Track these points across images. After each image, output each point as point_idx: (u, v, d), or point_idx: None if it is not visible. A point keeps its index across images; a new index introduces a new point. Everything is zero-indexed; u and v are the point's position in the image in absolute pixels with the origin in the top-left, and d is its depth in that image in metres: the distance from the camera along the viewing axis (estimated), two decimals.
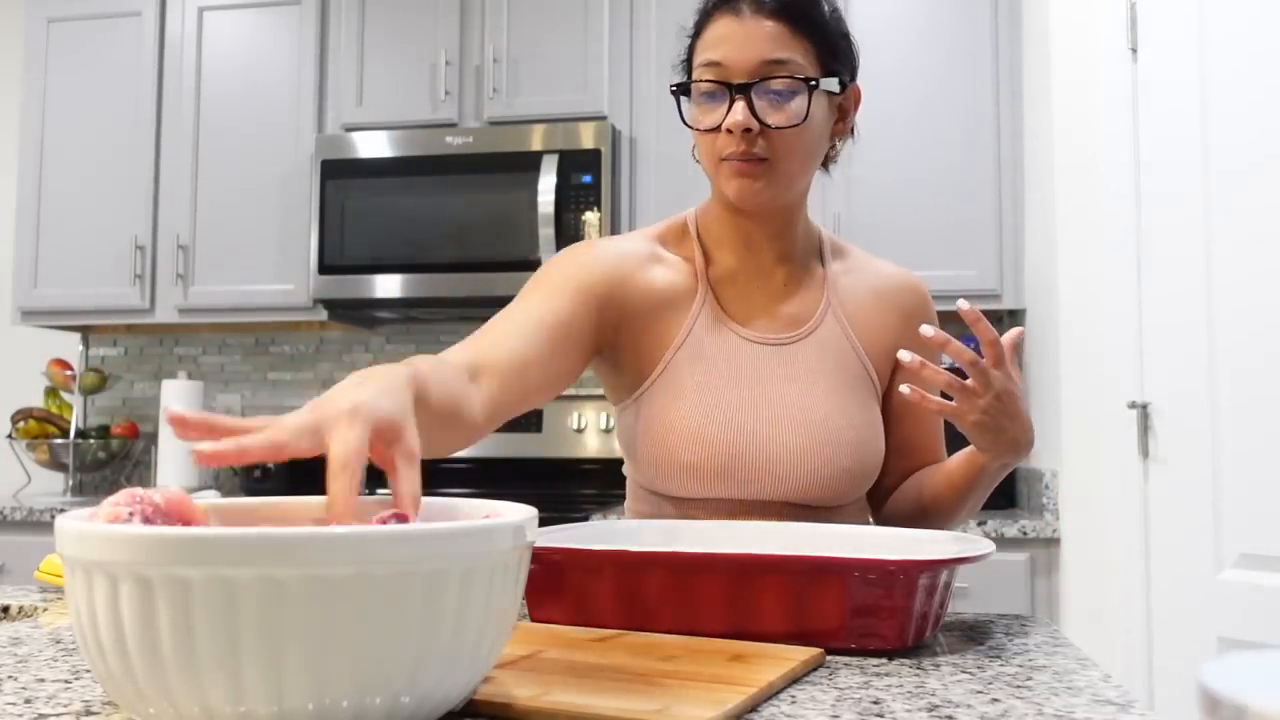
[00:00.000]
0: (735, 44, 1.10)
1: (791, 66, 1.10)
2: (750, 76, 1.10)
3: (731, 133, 1.10)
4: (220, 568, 0.54)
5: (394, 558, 0.57)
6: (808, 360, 1.20)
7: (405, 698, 0.59)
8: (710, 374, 1.18)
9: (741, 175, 1.12)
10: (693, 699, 0.72)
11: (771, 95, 1.10)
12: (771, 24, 1.10)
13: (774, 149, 1.12)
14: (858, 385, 1.22)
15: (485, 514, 0.74)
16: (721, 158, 1.13)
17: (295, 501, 0.80)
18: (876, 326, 1.25)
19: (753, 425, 1.16)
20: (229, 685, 0.56)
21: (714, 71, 1.11)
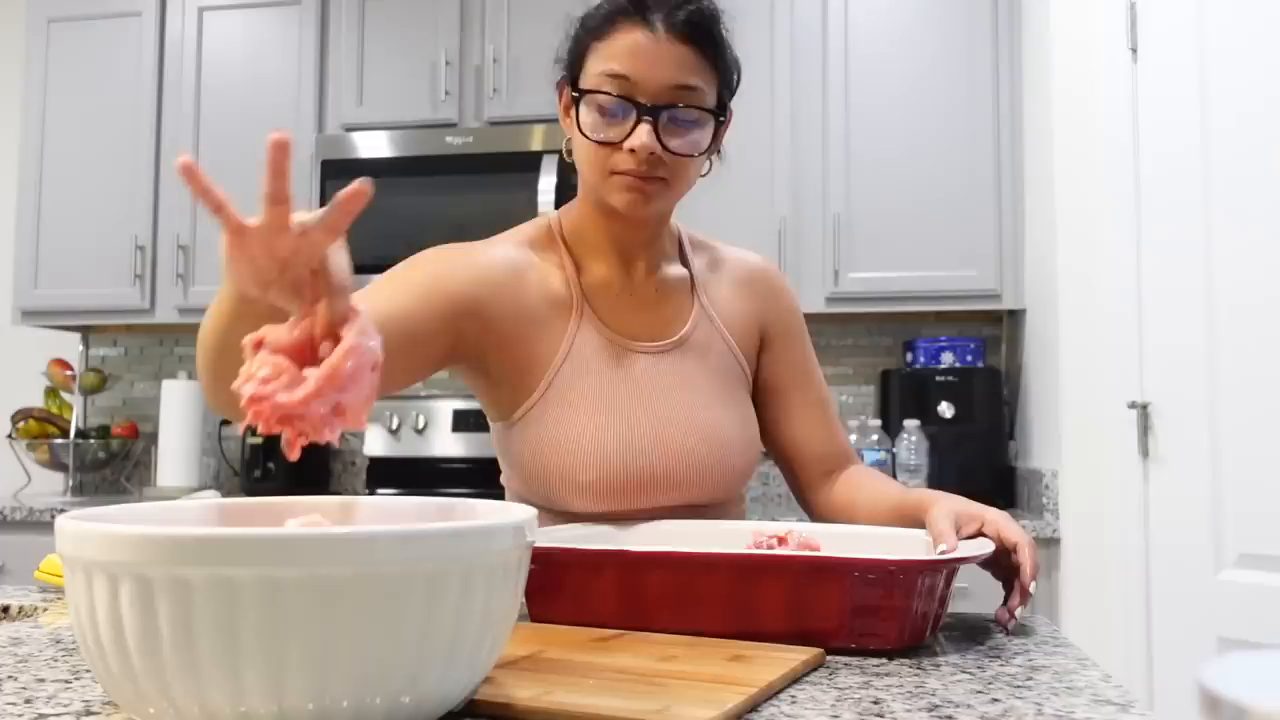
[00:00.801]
0: (646, 62, 1.08)
1: (699, 95, 1.10)
2: (659, 99, 1.08)
3: (635, 152, 1.08)
4: (221, 568, 0.54)
5: (394, 558, 0.57)
6: (691, 365, 1.21)
7: (405, 697, 0.59)
8: (599, 387, 1.15)
9: (635, 191, 1.10)
10: (693, 699, 0.72)
11: (678, 121, 1.09)
12: (684, 48, 1.08)
13: (671, 172, 1.11)
14: (736, 382, 1.24)
15: (485, 514, 0.74)
16: (616, 171, 1.10)
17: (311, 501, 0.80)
18: (739, 314, 1.26)
19: (649, 437, 1.15)
20: (229, 685, 0.56)
21: (620, 85, 1.08)
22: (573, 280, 1.19)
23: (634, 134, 1.08)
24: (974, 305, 2.77)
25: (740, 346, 1.26)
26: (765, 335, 1.29)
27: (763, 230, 2.83)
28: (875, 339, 3.14)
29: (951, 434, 2.70)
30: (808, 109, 2.84)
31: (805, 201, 2.83)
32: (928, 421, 2.70)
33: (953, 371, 2.76)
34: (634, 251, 1.21)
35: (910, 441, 2.62)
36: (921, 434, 2.63)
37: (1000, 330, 3.04)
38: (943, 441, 2.69)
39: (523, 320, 1.16)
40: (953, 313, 2.94)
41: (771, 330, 1.29)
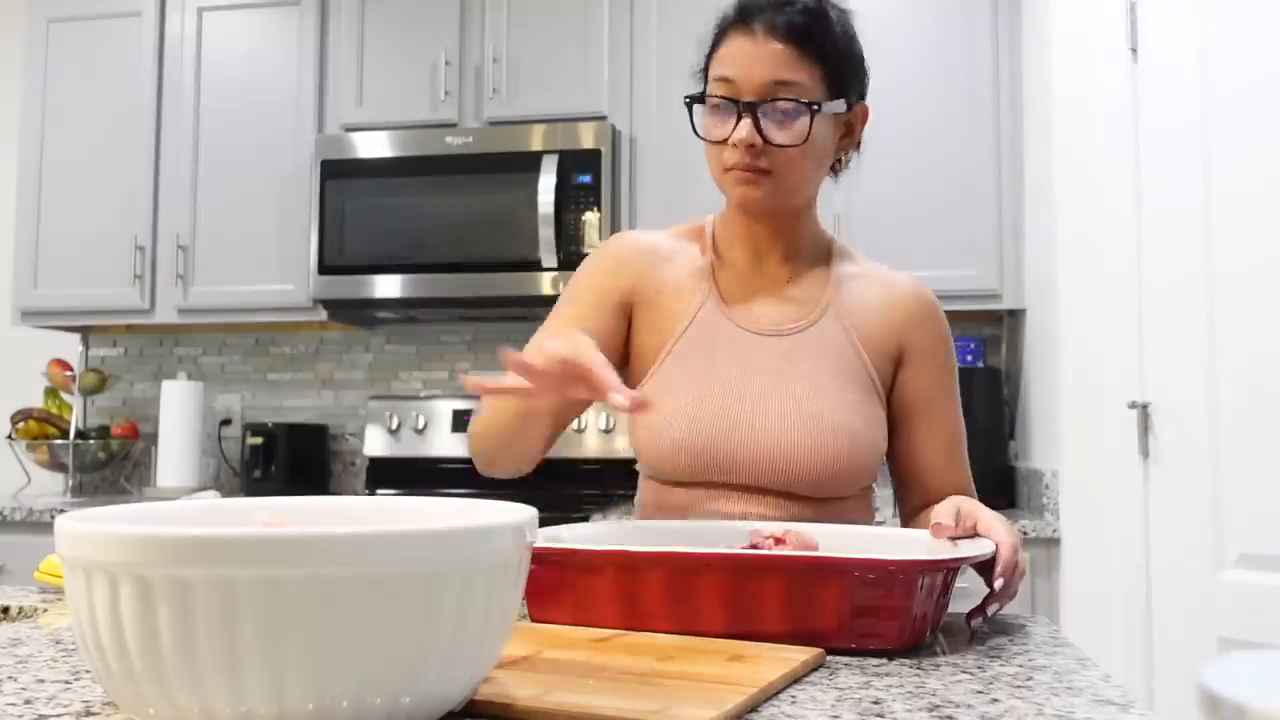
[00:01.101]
0: (746, 63, 1.17)
1: (798, 89, 1.17)
2: (758, 95, 1.17)
3: (737, 146, 1.17)
4: (220, 568, 0.54)
5: (394, 558, 0.57)
6: (804, 353, 1.24)
7: (405, 698, 0.59)
8: (708, 360, 1.23)
9: (745, 184, 1.19)
10: (693, 699, 0.72)
11: (777, 114, 1.17)
12: (782, 46, 1.16)
13: (776, 163, 1.18)
14: (854, 380, 1.24)
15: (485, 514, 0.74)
16: (727, 167, 1.20)
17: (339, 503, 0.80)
18: (878, 325, 1.28)
19: (742, 410, 1.20)
20: (229, 685, 0.56)
21: (725, 87, 1.18)
22: (709, 266, 1.30)
23: (736, 129, 1.17)
24: (974, 305, 2.77)
25: (870, 354, 1.26)
26: (904, 353, 1.29)
27: None
28: None
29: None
30: None
31: None
32: None
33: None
34: (766, 243, 1.28)
35: None
36: None
37: (1000, 330, 3.04)
38: None
39: (660, 299, 1.28)
40: (952, 312, 2.92)
41: (911, 350, 1.29)
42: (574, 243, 2.82)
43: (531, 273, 2.83)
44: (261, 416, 3.42)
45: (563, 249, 2.81)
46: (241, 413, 3.44)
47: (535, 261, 2.82)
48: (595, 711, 0.68)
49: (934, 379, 1.30)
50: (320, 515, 0.79)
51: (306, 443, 3.26)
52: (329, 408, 3.41)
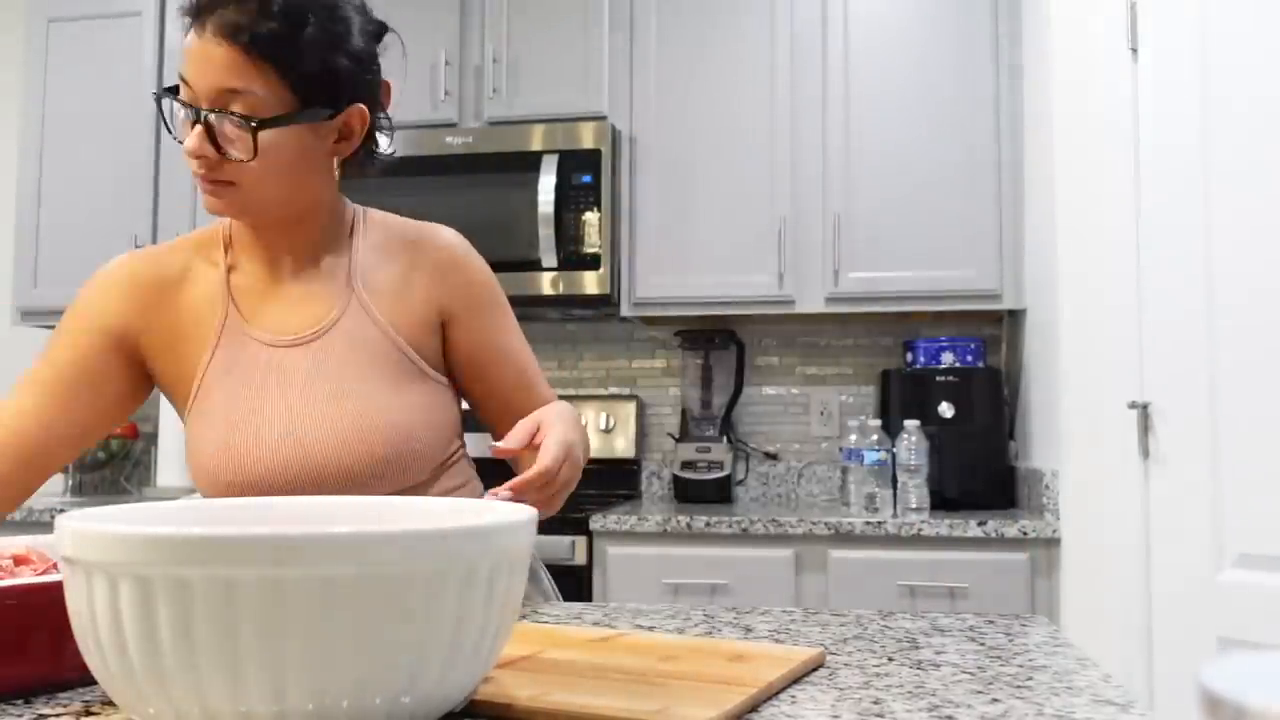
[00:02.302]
0: (196, 65, 1.07)
1: (246, 99, 1.06)
2: (210, 103, 1.07)
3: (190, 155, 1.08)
4: (220, 568, 0.54)
5: (395, 558, 0.57)
6: (332, 354, 1.17)
7: (406, 698, 0.59)
8: (237, 387, 1.16)
9: (209, 193, 1.11)
10: (693, 699, 0.72)
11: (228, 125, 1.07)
12: (228, 50, 1.05)
13: (236, 174, 1.09)
14: (391, 368, 1.19)
15: (486, 515, 0.74)
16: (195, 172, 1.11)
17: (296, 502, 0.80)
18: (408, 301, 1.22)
19: (281, 432, 1.14)
20: (229, 685, 0.56)
21: (184, 90, 1.09)
22: (222, 280, 1.21)
23: (189, 137, 1.08)
24: (974, 305, 2.77)
25: (406, 332, 1.21)
26: (446, 315, 1.24)
27: (763, 230, 2.83)
28: (875, 339, 3.14)
29: (951, 434, 2.70)
30: (808, 109, 2.84)
31: (805, 201, 2.83)
32: (928, 421, 2.70)
33: (953, 371, 2.76)
34: (278, 249, 1.21)
35: (910, 442, 2.62)
36: (921, 434, 2.63)
37: (1000, 330, 3.04)
38: (943, 441, 2.69)
39: (177, 331, 1.20)
40: (953, 313, 2.94)
41: (451, 309, 1.24)
42: (574, 243, 2.82)
43: (531, 272, 2.83)
44: None
45: (563, 249, 2.81)
46: None
47: (535, 261, 2.81)
48: (596, 711, 0.69)
49: (482, 325, 1.25)
50: (321, 515, 0.79)
51: None
52: None
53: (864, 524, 2.44)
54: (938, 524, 2.41)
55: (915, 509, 2.60)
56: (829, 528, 2.46)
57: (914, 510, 2.60)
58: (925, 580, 2.42)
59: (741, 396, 3.15)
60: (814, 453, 3.15)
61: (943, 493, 2.68)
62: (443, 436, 1.21)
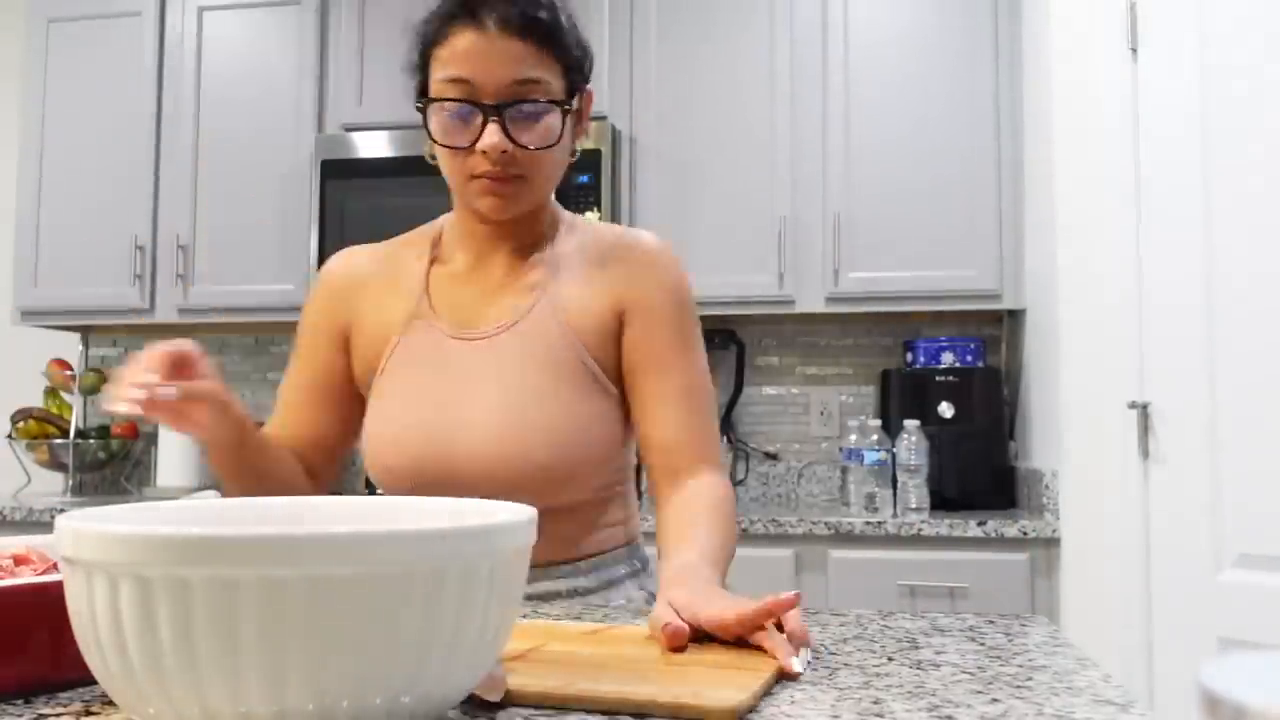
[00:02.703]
0: (483, 62, 1.08)
1: (543, 87, 1.10)
2: (502, 97, 1.08)
3: (487, 153, 1.09)
4: (220, 568, 0.54)
5: (394, 558, 0.57)
6: (511, 352, 1.16)
7: (405, 697, 0.59)
8: (414, 376, 1.18)
9: (494, 194, 1.12)
10: (716, 682, 0.75)
11: (523, 116, 1.10)
12: (520, 43, 1.08)
13: (527, 166, 1.12)
14: (564, 373, 1.15)
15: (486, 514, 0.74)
16: (474, 175, 1.11)
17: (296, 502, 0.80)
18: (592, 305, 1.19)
19: (445, 425, 1.13)
20: (229, 685, 0.56)
21: (462, 89, 1.09)
22: (422, 274, 1.23)
23: (483, 135, 1.09)
24: (974, 305, 2.77)
25: (586, 337, 1.17)
26: (624, 315, 1.19)
27: (763, 230, 2.83)
28: (875, 339, 3.14)
29: (951, 434, 2.71)
30: (808, 109, 2.84)
31: (805, 201, 2.83)
32: (928, 421, 2.70)
33: (953, 371, 2.76)
34: (492, 244, 1.22)
35: (910, 441, 2.62)
36: (921, 434, 2.63)
37: (1000, 330, 3.04)
38: (943, 441, 2.69)
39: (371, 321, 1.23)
40: (953, 313, 2.94)
41: (630, 309, 1.19)
42: None
43: None
44: (261, 416, 3.40)
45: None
46: None
47: None
48: (633, 697, 0.71)
49: (655, 334, 1.18)
50: (321, 515, 0.79)
51: None
52: None
53: (864, 524, 2.44)
54: (938, 524, 2.41)
55: (915, 509, 2.60)
56: (829, 528, 2.46)
57: (914, 510, 2.60)
58: (925, 580, 2.42)
59: (741, 396, 3.15)
60: (814, 453, 3.15)
61: (942, 493, 2.69)
62: (606, 452, 1.17)
